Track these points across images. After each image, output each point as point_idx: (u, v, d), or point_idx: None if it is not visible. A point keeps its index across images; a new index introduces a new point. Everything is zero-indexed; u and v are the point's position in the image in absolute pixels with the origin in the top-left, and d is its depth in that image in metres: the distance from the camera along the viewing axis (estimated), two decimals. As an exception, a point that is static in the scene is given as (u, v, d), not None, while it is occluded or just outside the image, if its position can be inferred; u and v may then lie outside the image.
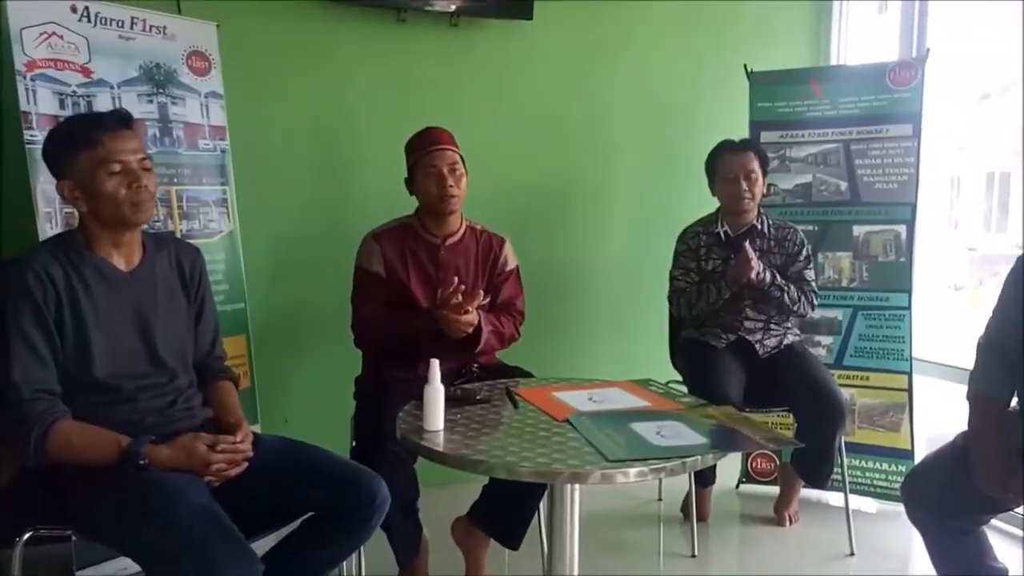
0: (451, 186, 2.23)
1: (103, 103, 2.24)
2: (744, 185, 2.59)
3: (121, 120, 1.60)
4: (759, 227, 2.66)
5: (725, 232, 2.66)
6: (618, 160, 3.32)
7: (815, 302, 2.68)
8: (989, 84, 3.46)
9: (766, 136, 3.05)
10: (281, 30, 2.77)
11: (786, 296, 2.58)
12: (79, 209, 1.60)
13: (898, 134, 2.87)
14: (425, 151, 2.26)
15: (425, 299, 2.24)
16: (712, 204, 2.75)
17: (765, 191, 2.71)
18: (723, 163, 2.63)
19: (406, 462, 2.01)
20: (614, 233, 3.35)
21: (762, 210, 2.71)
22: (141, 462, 1.46)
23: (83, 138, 1.55)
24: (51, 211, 2.12)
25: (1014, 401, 1.85)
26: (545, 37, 3.09)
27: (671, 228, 2.83)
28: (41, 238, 2.03)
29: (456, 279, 2.12)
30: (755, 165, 2.61)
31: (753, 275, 2.48)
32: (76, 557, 1.84)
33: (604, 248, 3.33)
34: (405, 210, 2.37)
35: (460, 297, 2.08)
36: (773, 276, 2.57)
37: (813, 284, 2.68)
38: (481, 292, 2.15)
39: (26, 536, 1.53)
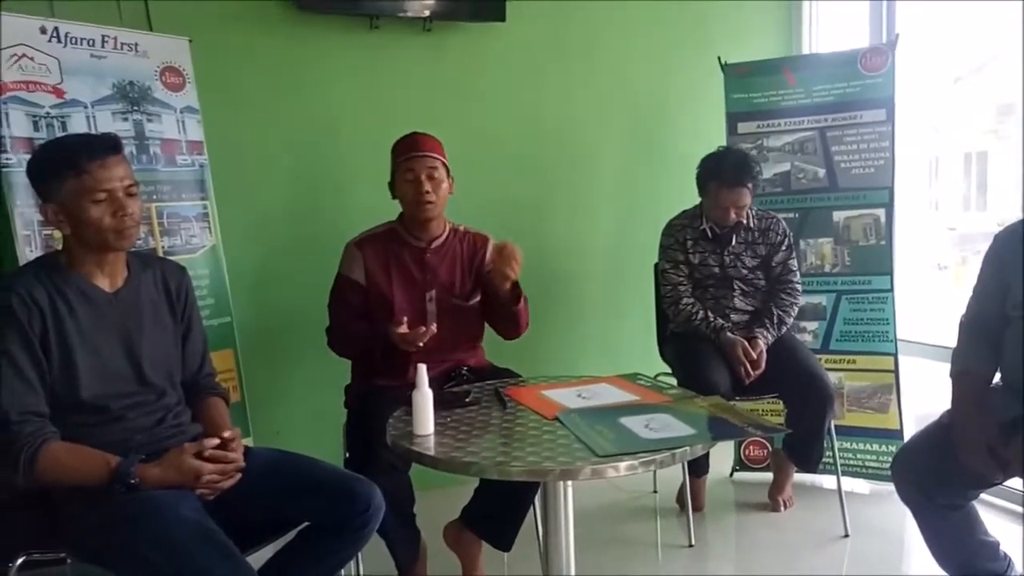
0: (427, 192, 2.21)
1: (77, 123, 2.23)
2: (733, 213, 2.63)
3: (110, 147, 1.58)
4: (744, 222, 2.68)
5: (711, 228, 2.69)
6: (597, 156, 3.33)
7: (800, 290, 2.73)
8: (960, 66, 3.50)
9: (743, 127, 3.08)
10: (254, 42, 2.77)
11: (787, 325, 2.68)
12: (63, 232, 1.59)
13: (872, 119, 2.90)
14: (406, 156, 2.26)
15: (409, 305, 2.24)
16: (693, 196, 2.77)
17: None
18: (716, 193, 2.62)
19: (400, 470, 2.01)
20: (596, 229, 3.36)
21: None
22: (132, 481, 1.46)
23: (69, 164, 1.53)
24: (30, 234, 2.11)
25: (996, 377, 1.88)
26: (519, 38, 3.10)
27: (653, 222, 2.84)
28: (21, 262, 2.02)
29: (405, 319, 2.09)
30: (747, 199, 2.62)
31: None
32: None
33: (587, 244, 3.34)
34: (386, 216, 2.37)
35: (405, 328, 2.06)
36: (770, 333, 2.62)
37: (797, 273, 2.74)
38: (423, 328, 2.07)
39: (20, 561, 1.52)
